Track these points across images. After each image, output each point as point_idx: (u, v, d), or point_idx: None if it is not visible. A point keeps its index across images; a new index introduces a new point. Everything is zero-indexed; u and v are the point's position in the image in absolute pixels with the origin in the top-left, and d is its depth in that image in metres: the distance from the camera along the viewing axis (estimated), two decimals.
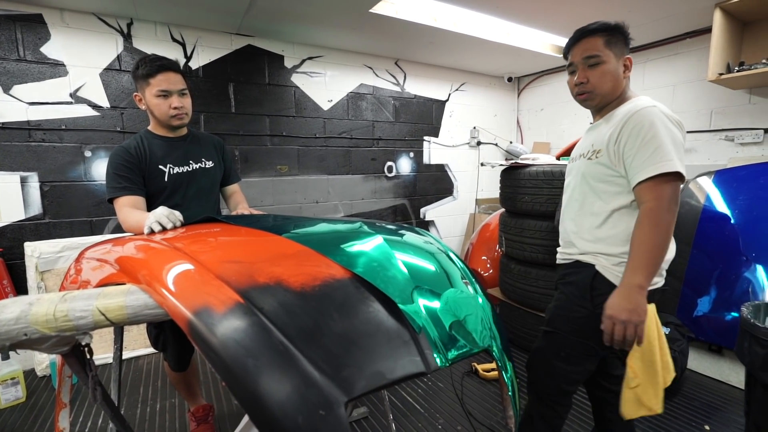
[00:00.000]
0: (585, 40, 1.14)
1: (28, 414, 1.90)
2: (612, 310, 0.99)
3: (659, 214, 0.99)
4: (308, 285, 0.70)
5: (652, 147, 1.01)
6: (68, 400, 1.07)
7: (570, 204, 1.28)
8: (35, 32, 2.18)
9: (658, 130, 1.02)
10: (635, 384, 1.10)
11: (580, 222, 1.21)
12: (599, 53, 1.12)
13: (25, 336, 0.63)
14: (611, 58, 1.13)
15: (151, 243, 0.89)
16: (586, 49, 1.14)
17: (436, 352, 0.70)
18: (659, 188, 1.01)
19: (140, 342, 2.46)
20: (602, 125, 1.19)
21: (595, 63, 1.13)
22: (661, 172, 0.99)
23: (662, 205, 0.99)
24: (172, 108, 1.36)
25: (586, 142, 1.25)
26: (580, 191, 1.22)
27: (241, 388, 0.55)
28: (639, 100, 1.12)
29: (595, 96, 1.16)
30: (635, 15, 2.43)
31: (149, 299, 0.68)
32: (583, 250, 1.19)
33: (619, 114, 1.13)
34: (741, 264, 2.23)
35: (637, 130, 1.05)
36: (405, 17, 2.42)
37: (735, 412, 1.88)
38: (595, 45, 1.13)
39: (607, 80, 1.13)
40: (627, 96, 1.18)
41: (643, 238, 1.00)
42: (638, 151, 1.04)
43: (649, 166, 1.01)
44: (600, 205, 1.16)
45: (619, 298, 0.99)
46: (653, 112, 1.05)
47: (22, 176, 2.22)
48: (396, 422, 1.80)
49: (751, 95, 2.53)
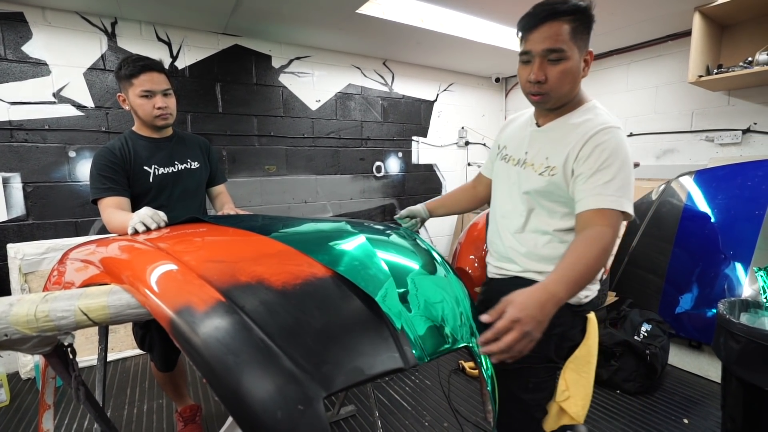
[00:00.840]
0: (549, 24, 0.91)
1: (12, 417, 1.87)
2: (520, 312, 0.74)
3: (609, 240, 0.88)
4: (290, 283, 0.72)
5: (610, 176, 0.90)
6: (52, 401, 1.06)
7: (509, 217, 1.12)
8: (16, 31, 2.14)
9: (619, 159, 0.91)
10: (564, 397, 1.03)
11: (525, 240, 1.07)
12: (564, 47, 0.91)
13: (5, 336, 0.63)
14: (575, 54, 0.93)
15: (134, 243, 0.90)
16: (549, 38, 0.91)
17: (414, 348, 0.72)
18: (611, 217, 0.89)
19: (127, 343, 2.44)
20: (555, 133, 1.03)
21: (556, 59, 0.92)
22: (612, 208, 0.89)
23: (613, 233, 0.88)
24: (156, 108, 1.36)
25: (534, 150, 1.06)
26: (524, 206, 1.07)
27: (221, 385, 0.56)
28: (599, 112, 1.00)
29: (551, 99, 0.97)
30: (618, 18, 2.48)
31: (132, 299, 0.69)
32: (526, 268, 1.07)
33: (574, 123, 0.99)
34: (720, 262, 2.29)
35: (600, 150, 0.92)
36: (392, 18, 2.44)
37: (713, 406, 1.94)
38: (561, 35, 0.91)
39: (566, 81, 0.95)
40: (581, 97, 1.03)
41: (586, 255, 0.85)
42: (593, 175, 0.91)
43: (600, 194, 0.90)
44: (551, 224, 1.03)
45: (532, 303, 0.76)
46: (619, 137, 0.94)
47: (5, 177, 2.18)
48: (383, 420, 1.82)
49: (730, 97, 2.60)
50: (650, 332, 2.12)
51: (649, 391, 2.07)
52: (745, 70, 2.22)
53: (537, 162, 1.04)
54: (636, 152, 3.08)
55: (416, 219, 1.33)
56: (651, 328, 2.14)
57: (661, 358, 2.06)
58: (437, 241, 3.90)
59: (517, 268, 1.09)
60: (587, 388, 1.03)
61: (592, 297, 1.06)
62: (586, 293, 1.04)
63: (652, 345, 2.04)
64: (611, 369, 2.08)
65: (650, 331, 2.12)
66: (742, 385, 1.53)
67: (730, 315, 1.58)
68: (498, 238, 1.16)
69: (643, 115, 3.06)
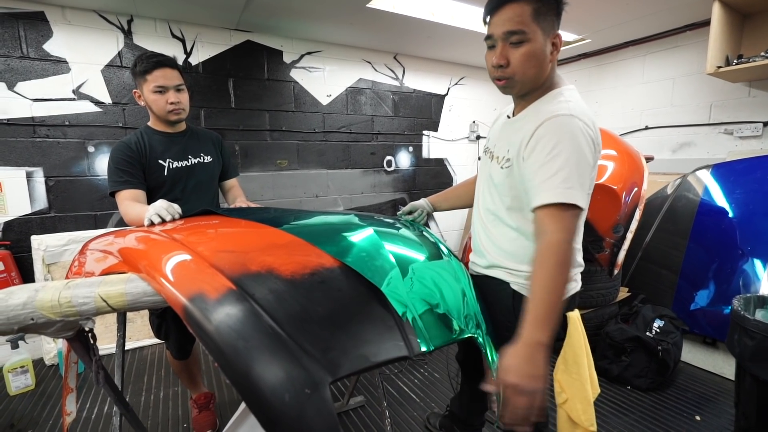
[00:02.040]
0: (508, 6, 0.89)
1: (37, 401, 1.96)
2: (515, 376, 0.76)
3: (565, 250, 0.83)
4: (298, 273, 0.74)
5: (555, 168, 0.85)
6: (75, 385, 1.11)
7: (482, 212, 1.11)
8: (38, 29, 2.21)
9: (567, 149, 0.86)
10: (563, 400, 1.02)
11: (493, 234, 1.06)
12: (524, 29, 0.88)
13: (32, 320, 0.67)
14: (538, 36, 0.89)
15: (150, 235, 0.93)
16: (509, 20, 0.89)
17: (420, 337, 0.74)
18: (562, 217, 0.84)
19: (144, 333, 2.52)
20: (519, 123, 0.99)
21: (518, 41, 0.90)
22: (559, 201, 0.84)
23: (567, 238, 0.84)
24: (169, 103, 1.39)
25: (501, 142, 1.05)
26: (492, 200, 1.06)
27: (232, 369, 0.59)
28: (561, 99, 0.94)
29: (515, 83, 0.94)
30: (634, 7, 2.43)
31: (148, 287, 0.72)
32: (492, 262, 1.06)
33: (537, 111, 0.96)
34: (737, 257, 2.24)
35: (546, 140, 0.87)
36: (402, 12, 2.43)
37: (727, 403, 1.91)
38: (521, 16, 0.88)
39: (531, 64, 0.91)
40: (553, 83, 0.98)
41: (548, 281, 0.81)
42: (540, 168, 0.87)
43: (547, 190, 0.85)
44: (515, 218, 1.01)
45: (521, 361, 0.77)
46: (571, 126, 0.87)
47: (28, 171, 2.26)
48: (392, 410, 1.85)
49: (751, 88, 2.53)
50: (663, 328, 2.09)
51: (661, 387, 2.04)
52: (767, 60, 2.15)
53: (500, 155, 1.02)
54: (651, 146, 3.02)
55: (419, 210, 1.35)
56: (664, 324, 2.11)
57: (674, 354, 2.03)
58: (447, 235, 3.90)
59: (484, 262, 1.09)
60: (582, 390, 1.00)
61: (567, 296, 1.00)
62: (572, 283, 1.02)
63: (664, 341, 2.01)
64: (622, 365, 2.06)
65: (663, 327, 2.09)
66: (757, 383, 1.50)
67: (745, 311, 1.55)
68: (474, 231, 1.16)
69: (659, 107, 2.99)
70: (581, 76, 3.44)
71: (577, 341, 1.00)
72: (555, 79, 0.99)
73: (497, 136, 1.09)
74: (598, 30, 2.77)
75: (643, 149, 2.73)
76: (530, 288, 0.83)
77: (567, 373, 1.01)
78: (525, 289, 0.98)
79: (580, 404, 0.99)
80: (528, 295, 0.84)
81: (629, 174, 1.98)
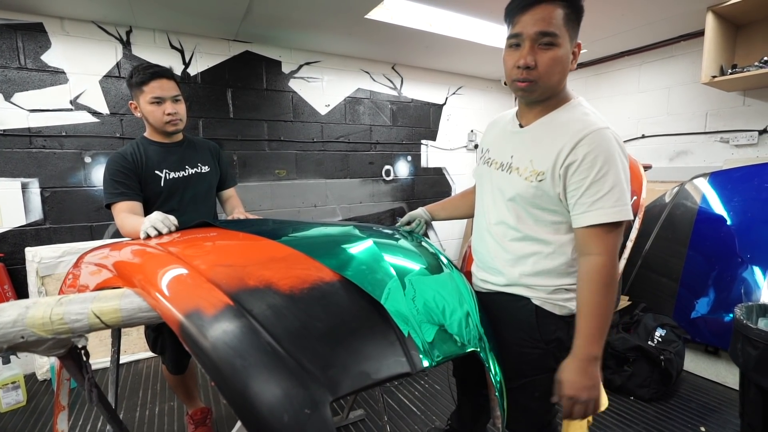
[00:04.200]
0: (543, 6, 0.84)
1: (28, 417, 1.91)
2: (572, 389, 0.87)
3: (611, 272, 0.85)
4: (297, 288, 0.72)
5: (607, 187, 0.84)
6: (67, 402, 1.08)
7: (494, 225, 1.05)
8: (36, 41, 2.21)
9: (615, 165, 0.85)
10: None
11: (511, 249, 1.01)
12: (557, 32, 0.84)
13: (22, 338, 0.65)
14: (566, 41, 0.86)
15: (146, 248, 0.92)
16: (542, 20, 0.84)
17: (422, 353, 0.72)
18: (608, 238, 0.85)
19: (140, 346, 2.48)
20: (539, 134, 0.95)
21: (549, 43, 0.85)
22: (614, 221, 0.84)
23: (612, 260, 0.86)
24: (165, 114, 1.39)
25: (519, 153, 0.99)
26: (509, 213, 1.00)
27: (229, 388, 0.57)
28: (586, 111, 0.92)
29: (538, 87, 0.90)
30: (629, 18, 2.46)
31: (143, 302, 0.70)
32: (512, 280, 1.01)
33: (560, 122, 0.92)
34: (737, 265, 2.24)
35: (591, 159, 0.85)
36: (400, 23, 2.45)
37: (731, 414, 1.89)
38: (555, 18, 0.84)
39: (556, 70, 0.88)
40: (567, 93, 0.96)
41: (597, 302, 0.86)
42: (589, 188, 0.85)
43: (599, 209, 0.84)
44: (538, 232, 0.97)
45: (577, 375, 0.87)
46: (610, 140, 0.86)
47: (23, 182, 2.24)
48: (392, 424, 1.81)
49: (746, 97, 2.55)
50: (665, 337, 2.07)
51: (664, 397, 2.02)
52: (761, 69, 2.18)
53: (522, 166, 0.96)
54: (648, 154, 3.04)
55: (417, 220, 1.32)
56: (665, 332, 2.09)
57: (676, 363, 2.01)
58: (447, 244, 3.88)
59: (502, 280, 1.03)
60: None
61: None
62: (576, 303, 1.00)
63: (666, 350, 1.99)
64: (624, 375, 2.04)
65: (665, 336, 2.08)
66: (761, 392, 1.49)
67: (748, 320, 1.55)
68: (483, 246, 1.09)
69: (655, 116, 3.01)
70: (578, 86, 3.47)
71: None
72: (567, 89, 0.96)
73: (507, 145, 1.03)
74: (594, 40, 2.80)
75: (640, 158, 2.75)
76: (579, 308, 0.88)
77: None
78: (549, 303, 0.98)
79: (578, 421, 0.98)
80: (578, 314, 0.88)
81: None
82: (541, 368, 0.99)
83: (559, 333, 0.98)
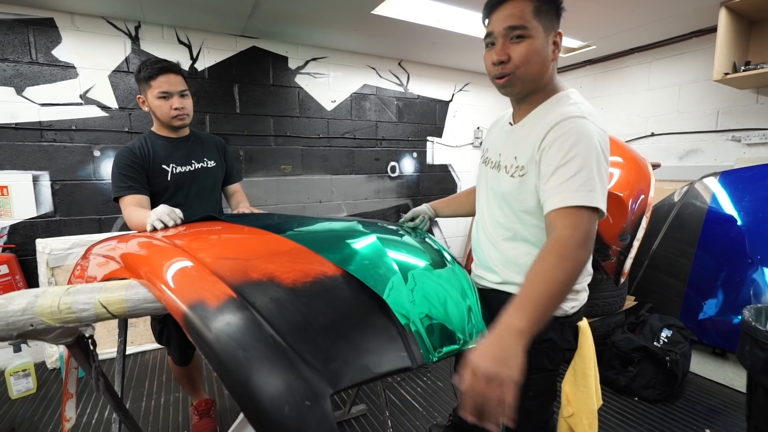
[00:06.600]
0: (509, 3, 0.88)
1: (38, 404, 1.96)
2: (475, 357, 0.66)
3: (571, 247, 0.77)
4: (300, 281, 0.73)
5: (573, 170, 0.81)
6: (75, 390, 1.11)
7: (488, 224, 1.05)
8: (47, 35, 2.24)
9: (584, 151, 0.82)
10: (568, 413, 0.99)
11: (503, 248, 1.00)
12: (526, 24, 0.87)
13: (31, 326, 0.66)
14: (539, 32, 0.88)
15: (152, 240, 0.93)
16: (511, 16, 0.87)
17: (423, 348, 0.72)
18: (577, 217, 0.80)
19: (146, 337, 2.52)
20: (524, 129, 0.96)
21: (519, 36, 0.87)
22: (578, 205, 0.80)
23: (578, 236, 0.78)
24: (173, 109, 1.40)
25: (507, 150, 0.99)
26: (500, 212, 1.00)
27: (231, 379, 0.57)
28: (570, 101, 0.91)
29: (517, 80, 0.91)
30: (639, 14, 2.42)
31: (148, 293, 0.71)
32: (505, 279, 1.01)
33: (543, 115, 0.92)
34: (747, 266, 2.20)
35: (560, 143, 0.83)
36: (407, 18, 2.44)
37: (737, 417, 1.87)
38: (522, 12, 0.87)
39: (533, 61, 0.88)
40: (555, 86, 0.95)
41: (544, 272, 0.75)
42: (555, 172, 0.83)
43: (563, 192, 0.81)
44: (528, 230, 0.96)
45: (488, 344, 0.67)
46: (585, 127, 0.84)
47: (35, 175, 2.28)
48: (394, 419, 1.82)
49: (759, 95, 2.50)
50: (671, 338, 2.05)
51: (669, 399, 2.00)
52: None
53: (508, 163, 0.97)
54: (657, 152, 3.00)
55: (421, 216, 1.32)
56: (672, 333, 2.07)
57: (682, 365, 1.99)
58: (451, 242, 3.88)
59: (496, 279, 1.03)
60: (589, 404, 0.98)
61: (579, 306, 1.00)
62: (572, 303, 0.98)
63: (672, 351, 1.98)
64: (629, 375, 2.02)
65: (671, 336, 2.06)
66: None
67: (756, 322, 1.52)
68: (478, 245, 1.10)
69: (665, 114, 2.97)
70: (586, 83, 3.43)
71: (587, 352, 0.98)
72: (556, 82, 0.96)
73: (499, 144, 1.05)
74: (603, 36, 2.76)
75: (650, 156, 2.71)
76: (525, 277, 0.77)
77: (575, 385, 0.99)
78: None
79: (587, 419, 0.97)
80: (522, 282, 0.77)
81: (636, 181, 1.96)
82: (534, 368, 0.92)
83: (551, 333, 0.96)
